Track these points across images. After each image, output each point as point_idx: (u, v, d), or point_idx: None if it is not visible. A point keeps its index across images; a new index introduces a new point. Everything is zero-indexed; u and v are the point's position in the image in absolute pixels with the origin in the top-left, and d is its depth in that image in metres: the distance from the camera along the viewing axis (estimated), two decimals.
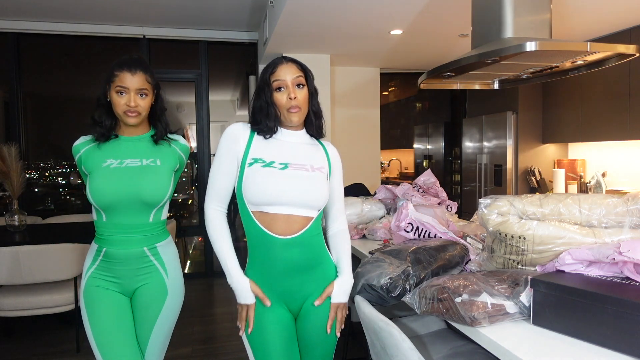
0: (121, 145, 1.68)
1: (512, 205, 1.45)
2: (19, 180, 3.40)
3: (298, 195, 1.45)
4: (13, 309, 2.92)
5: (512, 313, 1.26)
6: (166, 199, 1.68)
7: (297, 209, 1.46)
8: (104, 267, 1.64)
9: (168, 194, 1.67)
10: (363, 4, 3.10)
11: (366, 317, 1.44)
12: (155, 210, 1.67)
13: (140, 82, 1.62)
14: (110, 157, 1.64)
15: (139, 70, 1.62)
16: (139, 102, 1.62)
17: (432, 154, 6.65)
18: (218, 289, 4.64)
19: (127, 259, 1.63)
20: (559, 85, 4.45)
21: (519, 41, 1.93)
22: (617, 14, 3.40)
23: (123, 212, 1.61)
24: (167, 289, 1.69)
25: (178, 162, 1.74)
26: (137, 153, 1.67)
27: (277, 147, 1.52)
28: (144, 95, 1.64)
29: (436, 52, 4.60)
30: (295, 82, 1.49)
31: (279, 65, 1.51)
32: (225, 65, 5.71)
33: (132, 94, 1.61)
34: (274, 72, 1.50)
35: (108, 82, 1.63)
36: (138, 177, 1.62)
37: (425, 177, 2.82)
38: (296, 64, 1.53)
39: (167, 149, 1.73)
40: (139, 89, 1.62)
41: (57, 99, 5.38)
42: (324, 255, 1.54)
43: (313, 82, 1.57)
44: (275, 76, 1.49)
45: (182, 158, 1.77)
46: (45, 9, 4.11)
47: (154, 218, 1.68)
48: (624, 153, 4.14)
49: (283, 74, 1.49)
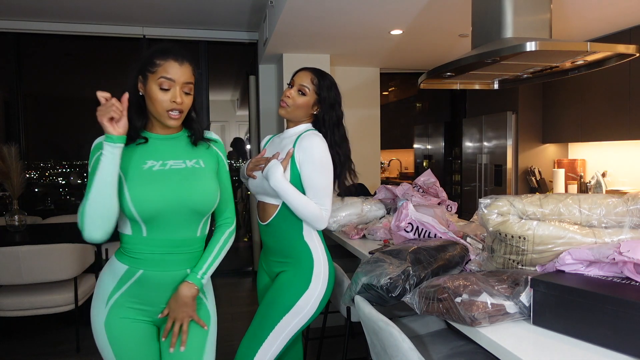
0: (158, 144, 1.42)
1: (512, 205, 1.45)
2: (19, 180, 3.40)
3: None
4: (13, 309, 2.92)
5: (512, 313, 1.26)
6: (215, 206, 1.47)
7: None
8: (134, 293, 1.37)
9: (218, 199, 1.47)
10: (363, 4, 3.10)
11: (366, 317, 1.44)
12: (203, 221, 1.45)
13: (187, 75, 1.37)
14: (151, 158, 1.38)
15: (186, 61, 1.38)
16: (185, 100, 1.38)
17: (432, 154, 6.65)
18: (218, 289, 4.63)
19: (167, 284, 1.38)
20: (559, 85, 4.45)
21: (519, 41, 1.93)
22: (617, 14, 3.40)
23: (169, 223, 1.36)
24: (209, 314, 1.52)
25: (217, 163, 1.52)
26: (178, 153, 1.43)
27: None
28: (189, 92, 1.40)
29: (436, 52, 4.60)
30: (299, 88, 1.80)
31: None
32: (225, 65, 5.71)
33: (178, 88, 1.35)
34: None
35: (143, 73, 1.36)
36: (186, 181, 1.38)
37: (425, 177, 2.83)
38: (312, 73, 1.82)
39: (206, 150, 1.50)
40: (186, 83, 1.37)
41: (57, 99, 5.38)
42: (299, 249, 1.77)
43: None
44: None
45: (222, 157, 1.55)
46: (45, 9, 4.11)
47: (201, 232, 1.45)
48: (624, 153, 4.14)
49: (296, 76, 1.84)
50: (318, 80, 1.79)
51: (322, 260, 1.75)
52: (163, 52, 1.36)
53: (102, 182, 1.24)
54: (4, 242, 3.07)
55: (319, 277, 1.72)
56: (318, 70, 1.84)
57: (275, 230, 1.78)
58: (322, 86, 1.78)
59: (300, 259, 1.75)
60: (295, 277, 1.73)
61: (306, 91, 1.77)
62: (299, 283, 1.71)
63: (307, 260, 1.74)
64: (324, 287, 1.73)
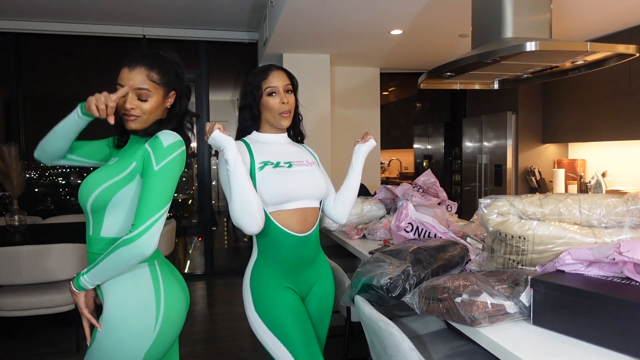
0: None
1: (512, 205, 1.45)
2: (19, 180, 3.40)
3: (309, 188, 1.62)
4: (13, 309, 2.92)
5: (512, 313, 1.26)
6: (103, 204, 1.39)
7: (309, 201, 1.63)
8: None
9: (95, 194, 1.38)
10: (363, 4, 3.10)
11: (366, 317, 1.44)
12: (93, 219, 1.40)
13: (139, 79, 1.39)
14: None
15: (138, 66, 1.40)
16: (140, 105, 1.41)
17: (432, 154, 6.65)
18: (218, 289, 4.64)
19: None
20: (559, 85, 4.45)
21: (519, 41, 1.93)
22: (617, 14, 3.40)
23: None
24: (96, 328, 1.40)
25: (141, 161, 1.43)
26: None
27: (272, 149, 1.65)
28: (145, 98, 1.41)
29: (436, 52, 4.60)
30: (285, 89, 1.65)
31: (270, 72, 1.65)
32: (225, 65, 5.71)
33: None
34: (266, 79, 1.64)
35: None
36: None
37: (425, 177, 2.83)
38: (285, 72, 1.69)
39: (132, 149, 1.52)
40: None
41: (57, 99, 5.38)
42: (319, 248, 1.74)
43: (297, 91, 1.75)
44: (268, 82, 1.63)
45: (148, 155, 1.39)
46: (46, 9, 4.11)
47: (94, 231, 1.43)
48: (624, 153, 4.14)
49: (275, 81, 1.63)
50: (290, 76, 1.71)
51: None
52: (124, 60, 1.40)
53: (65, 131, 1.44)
54: (4, 242, 3.07)
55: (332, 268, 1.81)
56: (281, 67, 1.72)
57: (314, 238, 1.67)
58: (294, 80, 1.72)
59: (320, 256, 1.74)
60: (330, 279, 1.76)
61: (291, 88, 1.71)
62: (331, 283, 1.77)
63: (322, 257, 1.76)
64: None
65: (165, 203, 1.30)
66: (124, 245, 1.25)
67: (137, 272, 1.36)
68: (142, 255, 1.26)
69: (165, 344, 1.40)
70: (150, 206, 1.27)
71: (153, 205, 1.28)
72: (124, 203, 1.35)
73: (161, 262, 1.44)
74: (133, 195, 1.35)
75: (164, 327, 1.36)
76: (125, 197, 1.35)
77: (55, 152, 1.45)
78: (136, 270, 1.36)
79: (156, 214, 1.27)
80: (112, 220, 1.36)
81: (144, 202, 1.28)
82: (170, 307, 1.38)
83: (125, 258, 1.26)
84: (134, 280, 1.35)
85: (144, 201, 1.28)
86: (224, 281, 4.84)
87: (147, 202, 1.28)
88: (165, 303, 1.37)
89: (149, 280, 1.37)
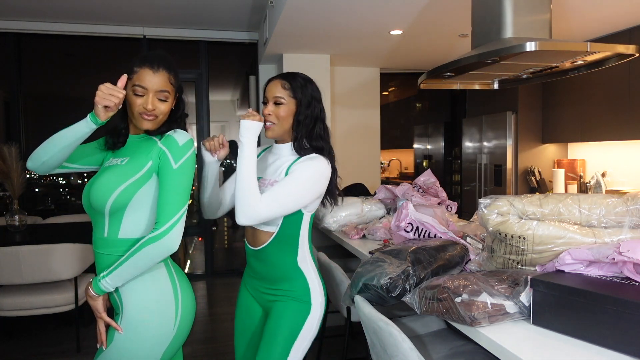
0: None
1: (512, 205, 1.45)
2: (19, 180, 3.40)
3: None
4: (13, 309, 2.92)
5: (512, 313, 1.26)
6: (109, 203, 1.38)
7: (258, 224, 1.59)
8: None
9: (114, 196, 1.36)
10: (363, 4, 3.10)
11: (366, 317, 1.44)
12: (108, 221, 1.39)
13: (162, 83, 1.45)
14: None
15: (162, 69, 1.43)
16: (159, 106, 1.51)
17: (432, 154, 6.65)
18: (218, 289, 4.64)
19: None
20: (559, 85, 4.45)
21: (519, 41, 1.93)
22: (617, 14, 3.40)
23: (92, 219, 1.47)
24: (113, 331, 1.43)
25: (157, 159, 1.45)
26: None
27: (270, 161, 1.67)
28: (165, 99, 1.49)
29: (436, 52, 4.60)
30: (274, 100, 1.60)
31: (268, 82, 1.66)
32: (225, 65, 5.71)
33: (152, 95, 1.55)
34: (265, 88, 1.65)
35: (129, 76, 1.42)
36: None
37: (425, 177, 2.83)
38: (281, 79, 1.62)
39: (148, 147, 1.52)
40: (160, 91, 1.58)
41: (57, 99, 5.38)
42: (292, 275, 1.61)
43: (304, 94, 1.62)
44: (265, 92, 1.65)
45: (166, 155, 1.43)
46: (46, 9, 4.11)
47: (109, 232, 1.42)
48: (624, 153, 4.14)
49: (267, 90, 1.63)
50: (289, 83, 1.61)
51: (316, 283, 1.64)
52: (141, 60, 1.40)
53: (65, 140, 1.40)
54: (4, 242, 3.07)
55: (317, 299, 1.61)
56: (287, 73, 1.66)
57: (268, 257, 1.61)
58: (295, 88, 1.60)
59: (294, 287, 1.60)
60: (294, 305, 1.60)
61: (282, 100, 1.59)
62: (299, 310, 1.60)
63: (302, 287, 1.61)
64: (323, 306, 1.65)
65: (186, 200, 1.35)
66: (151, 243, 1.28)
67: (155, 271, 1.38)
68: (169, 252, 1.31)
69: (181, 341, 1.44)
70: (173, 203, 1.31)
71: (176, 202, 1.32)
72: (143, 203, 1.37)
73: (171, 261, 1.48)
74: (152, 195, 1.38)
75: (181, 324, 1.41)
76: (144, 197, 1.37)
77: (56, 162, 1.42)
78: (154, 270, 1.38)
79: (180, 211, 1.32)
80: (132, 221, 1.37)
81: (167, 200, 1.31)
82: (186, 304, 1.43)
83: (152, 255, 1.29)
84: (153, 279, 1.37)
85: (167, 199, 1.32)
86: (224, 281, 4.84)
87: (170, 200, 1.31)
88: (182, 300, 1.41)
89: (166, 279, 1.40)
